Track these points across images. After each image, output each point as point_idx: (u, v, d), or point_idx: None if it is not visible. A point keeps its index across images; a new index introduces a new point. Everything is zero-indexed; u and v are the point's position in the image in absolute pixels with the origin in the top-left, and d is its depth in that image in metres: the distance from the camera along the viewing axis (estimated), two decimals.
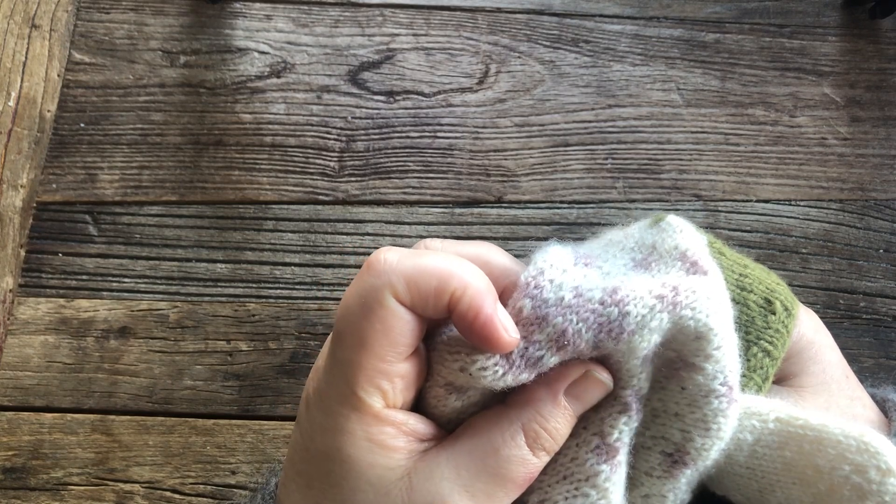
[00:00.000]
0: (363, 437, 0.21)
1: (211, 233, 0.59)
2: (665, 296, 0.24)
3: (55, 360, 0.55)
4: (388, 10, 0.69)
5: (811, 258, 0.62)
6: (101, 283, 0.58)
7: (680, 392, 0.25)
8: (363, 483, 0.21)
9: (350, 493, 0.21)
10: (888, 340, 0.60)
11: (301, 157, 0.63)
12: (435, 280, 0.21)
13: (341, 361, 0.22)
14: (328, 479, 0.22)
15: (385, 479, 0.21)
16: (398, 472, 0.21)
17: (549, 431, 0.22)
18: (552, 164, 0.64)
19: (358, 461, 0.21)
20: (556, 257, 0.25)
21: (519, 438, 0.22)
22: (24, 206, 0.60)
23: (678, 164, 0.65)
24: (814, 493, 0.24)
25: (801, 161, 0.66)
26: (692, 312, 0.24)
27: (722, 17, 0.71)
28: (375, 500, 0.21)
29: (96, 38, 0.67)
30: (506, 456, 0.22)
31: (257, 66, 0.66)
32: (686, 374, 0.25)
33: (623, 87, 0.67)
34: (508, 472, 0.22)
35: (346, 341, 0.22)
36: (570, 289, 0.24)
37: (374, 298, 0.21)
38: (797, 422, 0.25)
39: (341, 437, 0.21)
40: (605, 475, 0.24)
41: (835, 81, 0.69)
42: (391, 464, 0.21)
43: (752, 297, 0.29)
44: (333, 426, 0.22)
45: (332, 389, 0.22)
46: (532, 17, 0.70)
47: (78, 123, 0.63)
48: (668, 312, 0.24)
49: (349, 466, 0.21)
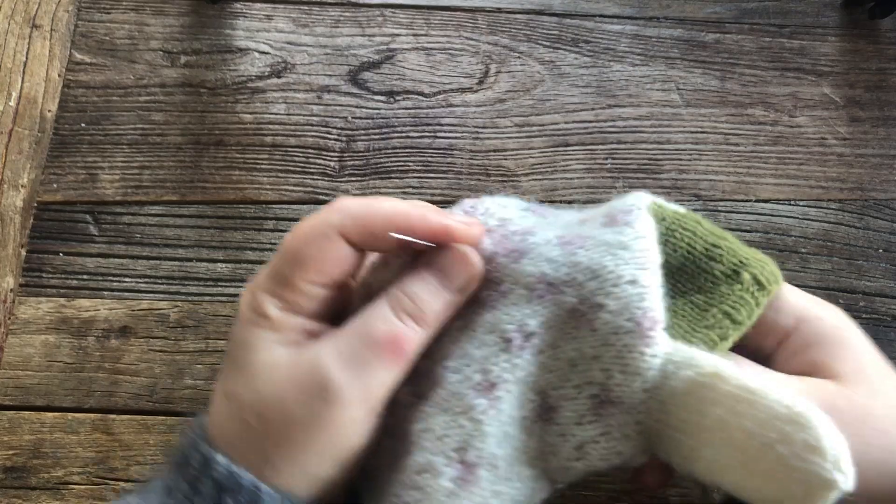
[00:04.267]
0: (261, 325, 0.26)
1: (211, 232, 0.59)
2: (565, 237, 0.27)
3: (56, 360, 0.55)
4: (389, 10, 0.69)
5: (810, 258, 0.62)
6: (101, 282, 0.58)
7: (592, 334, 0.26)
8: (259, 362, 0.26)
9: (251, 374, 0.25)
10: (888, 340, 0.60)
11: (301, 157, 0.63)
12: (381, 219, 0.26)
13: (277, 272, 0.26)
14: (235, 363, 0.27)
15: (276, 356, 0.25)
16: (285, 353, 0.26)
17: (409, 295, 0.26)
18: (552, 164, 0.64)
19: (257, 347, 0.26)
20: (503, 199, 0.29)
21: (383, 303, 0.26)
22: (24, 206, 0.60)
23: (678, 164, 0.65)
24: (741, 458, 0.24)
25: (800, 161, 0.66)
26: (585, 252, 0.26)
27: (722, 18, 0.71)
28: (269, 374, 0.25)
29: (97, 38, 0.67)
30: (371, 318, 0.26)
31: (258, 66, 0.66)
32: (593, 316, 0.26)
33: (623, 87, 0.67)
34: (374, 330, 0.25)
35: (286, 257, 0.26)
36: (498, 219, 0.28)
37: (321, 231, 0.26)
38: (734, 381, 0.25)
39: (252, 328, 0.26)
40: (481, 408, 0.25)
41: (834, 81, 0.69)
42: (278, 345, 0.26)
43: (718, 267, 0.30)
44: (249, 319, 0.26)
45: (259, 291, 0.26)
46: (532, 18, 0.70)
47: (79, 123, 0.64)
48: (562, 247, 0.27)
49: (250, 351, 0.26)
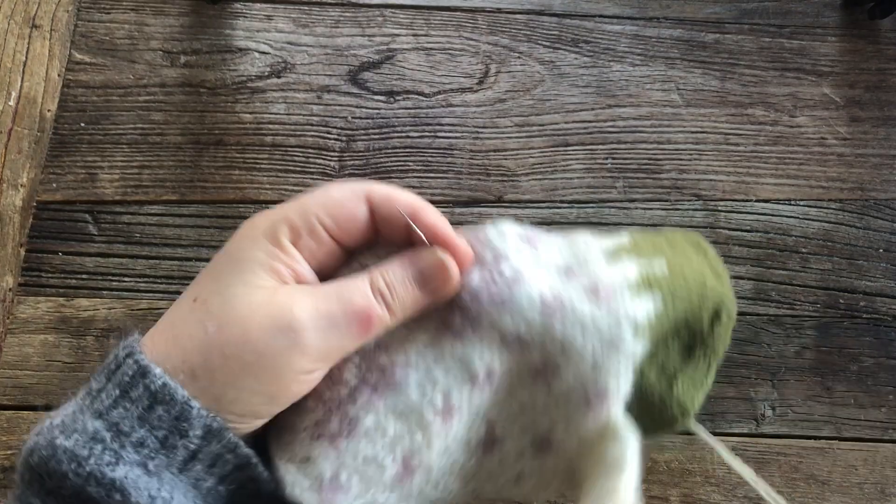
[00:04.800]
0: (264, 250, 0.26)
1: (211, 232, 0.59)
2: (547, 300, 0.28)
3: (55, 360, 0.55)
4: (389, 10, 0.69)
5: (811, 258, 0.62)
6: (101, 282, 0.58)
7: (546, 391, 0.29)
8: (244, 282, 0.25)
9: (232, 288, 0.25)
10: (888, 340, 0.60)
11: (301, 156, 0.63)
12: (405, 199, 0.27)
13: (303, 211, 0.27)
14: (218, 274, 0.26)
15: (262, 281, 0.25)
16: (270, 283, 0.26)
17: (388, 283, 0.27)
18: (552, 163, 0.64)
19: (251, 267, 0.26)
20: (504, 227, 0.30)
21: (365, 278, 0.27)
22: (24, 206, 0.60)
23: (678, 163, 0.65)
24: None
25: (800, 161, 0.66)
26: (561, 326, 0.28)
27: (721, 18, 0.71)
28: (249, 295, 0.25)
29: (97, 38, 0.67)
30: (350, 285, 0.26)
31: (258, 66, 0.66)
32: (551, 378, 0.28)
33: (623, 87, 0.67)
34: (349, 295, 0.26)
35: (315, 200, 0.27)
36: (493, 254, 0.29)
37: (353, 189, 0.27)
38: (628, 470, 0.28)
39: (254, 249, 0.26)
40: (436, 427, 0.28)
41: (834, 81, 0.69)
42: (268, 274, 0.26)
43: (705, 318, 0.32)
44: (254, 240, 0.26)
45: (279, 220, 0.27)
46: (532, 18, 0.70)
47: (78, 123, 0.64)
48: (542, 313, 0.28)
49: (242, 269, 0.26)
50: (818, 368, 0.61)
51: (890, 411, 0.60)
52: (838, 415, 0.60)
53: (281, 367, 0.25)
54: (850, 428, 0.59)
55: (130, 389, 0.24)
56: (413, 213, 0.27)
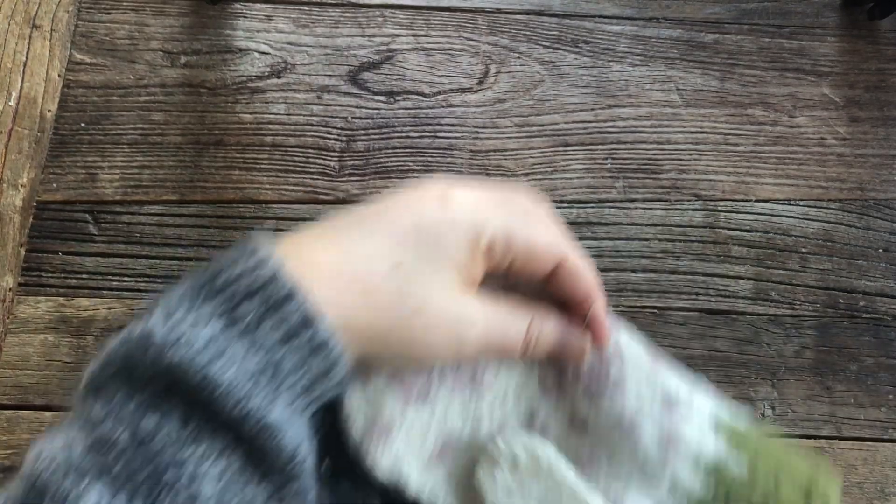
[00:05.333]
0: (466, 253, 0.26)
1: (211, 232, 0.59)
2: (629, 418, 0.30)
3: (55, 359, 0.55)
4: (388, 10, 0.69)
5: (811, 258, 0.62)
6: (101, 282, 0.58)
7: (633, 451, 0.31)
8: (441, 276, 0.26)
9: (433, 272, 0.26)
10: (888, 339, 0.60)
11: (301, 156, 0.63)
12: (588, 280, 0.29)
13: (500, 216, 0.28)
14: (417, 245, 0.26)
15: (455, 281, 0.26)
16: (461, 287, 0.27)
17: (540, 333, 0.29)
18: (552, 163, 0.64)
19: (449, 259, 0.26)
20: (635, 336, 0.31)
21: (526, 317, 0.28)
22: (24, 206, 0.60)
23: (678, 163, 0.65)
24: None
25: (800, 161, 0.66)
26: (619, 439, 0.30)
27: (721, 18, 0.71)
28: (440, 289, 0.26)
29: (97, 39, 0.67)
30: (514, 318, 0.28)
31: (258, 66, 0.66)
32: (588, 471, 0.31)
33: (623, 87, 0.67)
34: (509, 326, 0.28)
35: (517, 202, 0.28)
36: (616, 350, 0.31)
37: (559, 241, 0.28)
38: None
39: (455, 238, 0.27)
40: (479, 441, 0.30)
41: (834, 82, 0.69)
42: (464, 279, 0.27)
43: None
44: (454, 229, 0.27)
45: (493, 226, 0.27)
46: (532, 18, 0.70)
47: (78, 123, 0.64)
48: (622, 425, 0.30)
49: (441, 254, 0.26)
50: (818, 368, 0.61)
51: (890, 411, 0.60)
52: (838, 414, 0.60)
53: (433, 363, 0.28)
54: (849, 427, 0.59)
55: (292, 339, 0.24)
56: (589, 298, 0.29)
